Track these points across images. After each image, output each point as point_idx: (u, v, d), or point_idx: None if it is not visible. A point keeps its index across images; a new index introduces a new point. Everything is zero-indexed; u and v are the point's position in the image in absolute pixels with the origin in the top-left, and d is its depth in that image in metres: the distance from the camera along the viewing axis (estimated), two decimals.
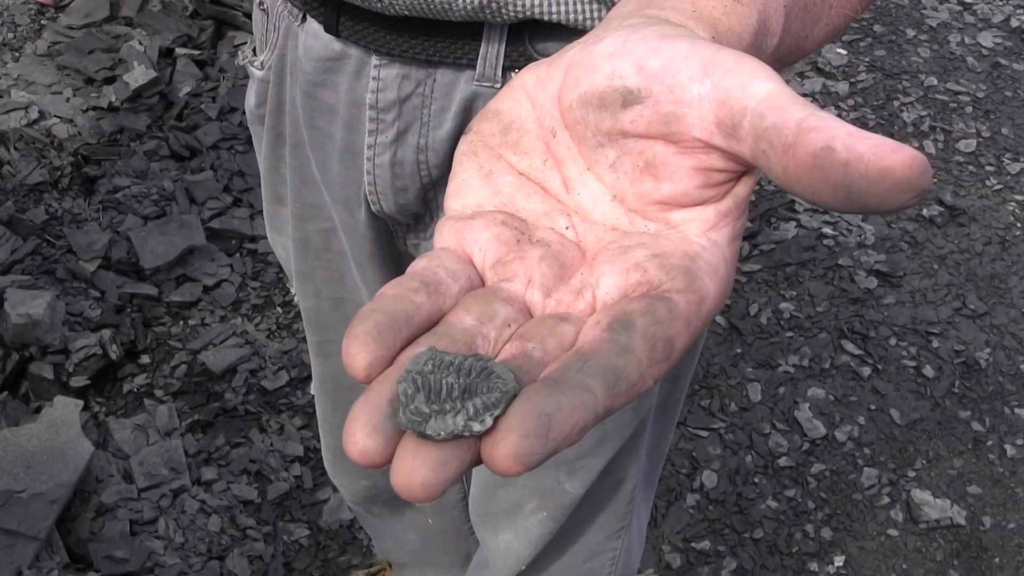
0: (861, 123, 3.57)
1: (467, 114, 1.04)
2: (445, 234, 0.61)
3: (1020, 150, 3.68)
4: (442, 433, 0.47)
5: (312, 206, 1.26)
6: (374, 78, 1.04)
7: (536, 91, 0.62)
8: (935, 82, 3.90)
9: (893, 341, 2.94)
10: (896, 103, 3.79)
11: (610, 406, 0.49)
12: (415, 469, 0.46)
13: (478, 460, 0.48)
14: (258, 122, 1.28)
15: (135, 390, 2.56)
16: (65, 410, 2.30)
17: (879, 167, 0.47)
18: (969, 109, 3.81)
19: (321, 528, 2.37)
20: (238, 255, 2.90)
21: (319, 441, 2.47)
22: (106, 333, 2.53)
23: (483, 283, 0.59)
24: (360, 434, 0.47)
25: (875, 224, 3.31)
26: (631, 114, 0.57)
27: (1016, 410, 2.80)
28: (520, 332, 0.55)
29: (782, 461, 2.61)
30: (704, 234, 0.58)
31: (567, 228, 0.61)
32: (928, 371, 2.87)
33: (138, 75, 3.18)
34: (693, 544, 2.42)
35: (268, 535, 2.33)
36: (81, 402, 2.35)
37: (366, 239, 1.19)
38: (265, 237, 1.93)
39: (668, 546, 2.41)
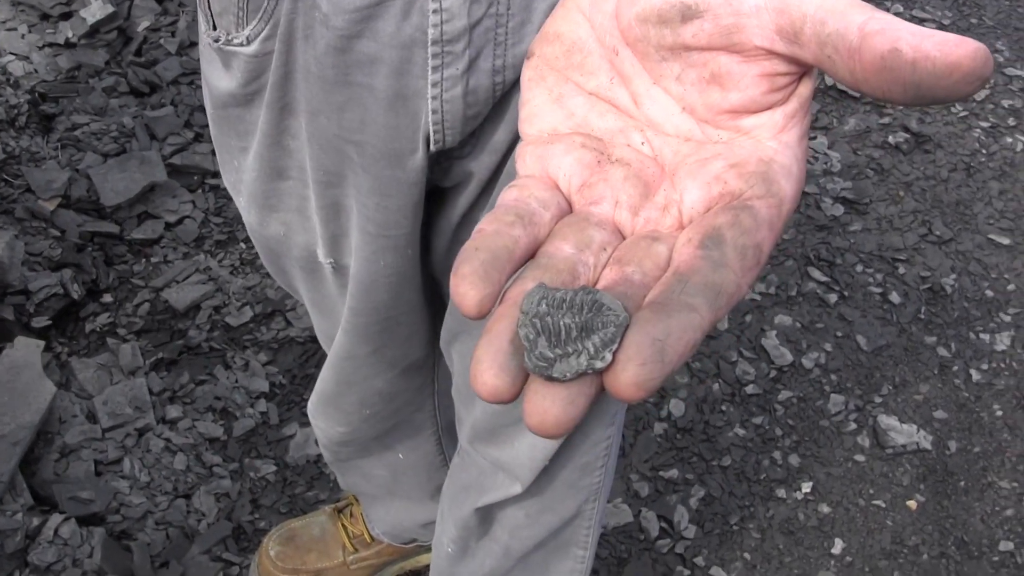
0: None
1: None
2: (528, 161, 0.65)
3: None
4: (568, 374, 0.51)
5: (335, 174, 1.17)
6: (435, 11, 0.97)
7: (592, 11, 0.65)
8: (901, 9, 3.88)
9: (859, 268, 2.94)
10: None
11: (714, 320, 0.52)
12: (547, 409, 0.50)
13: (601, 390, 0.51)
14: (240, 103, 1.18)
15: (98, 329, 2.54)
16: (26, 351, 2.28)
17: (946, 63, 0.50)
18: None
19: (288, 464, 2.36)
20: (200, 191, 2.87)
21: (284, 376, 2.47)
22: (67, 272, 2.51)
23: (570, 207, 0.62)
24: (488, 374, 0.51)
25: (841, 151, 3.31)
26: (692, 28, 0.60)
27: (981, 335, 2.80)
28: (617, 256, 0.58)
29: (749, 389, 2.61)
30: (775, 137, 0.61)
31: (642, 143, 0.64)
32: (894, 297, 2.87)
33: (95, 10, 3.13)
34: (661, 473, 2.42)
35: (234, 472, 2.32)
36: (42, 342, 2.33)
37: (416, 186, 1.12)
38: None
39: (636, 475, 2.41)
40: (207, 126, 2.91)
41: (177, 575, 2.12)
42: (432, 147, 1.07)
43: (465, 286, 0.53)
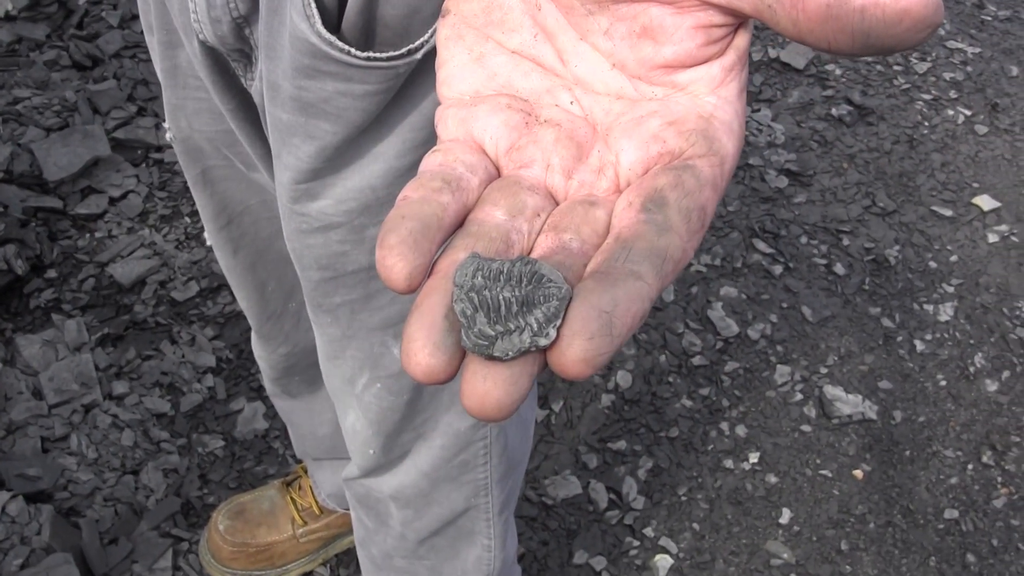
0: None
1: None
2: (450, 125, 0.60)
3: (927, 49, 3.70)
4: (510, 353, 0.47)
5: (174, 32, 1.20)
6: None
7: None
8: None
9: (804, 239, 2.96)
10: None
11: (661, 287, 0.49)
12: (488, 392, 0.46)
13: (544, 367, 0.48)
14: None
15: (42, 305, 2.51)
16: None
17: (896, 10, 0.47)
18: None
19: (236, 439, 2.35)
20: (144, 165, 2.84)
21: (231, 351, 2.46)
22: (11, 248, 2.48)
23: (499, 172, 0.59)
24: (422, 354, 0.47)
25: (785, 123, 3.32)
26: None
27: (925, 306, 2.83)
28: (552, 222, 0.55)
29: (696, 360, 2.62)
30: (713, 92, 0.58)
31: (571, 103, 0.60)
32: (839, 268, 2.89)
33: None
34: (609, 444, 2.43)
35: (182, 447, 2.31)
36: None
37: (204, 67, 1.12)
38: (171, 146, 1.89)
39: (584, 447, 2.42)
40: (150, 100, 2.89)
41: (126, 551, 2.11)
42: (198, 36, 1.06)
43: (393, 257, 0.49)
